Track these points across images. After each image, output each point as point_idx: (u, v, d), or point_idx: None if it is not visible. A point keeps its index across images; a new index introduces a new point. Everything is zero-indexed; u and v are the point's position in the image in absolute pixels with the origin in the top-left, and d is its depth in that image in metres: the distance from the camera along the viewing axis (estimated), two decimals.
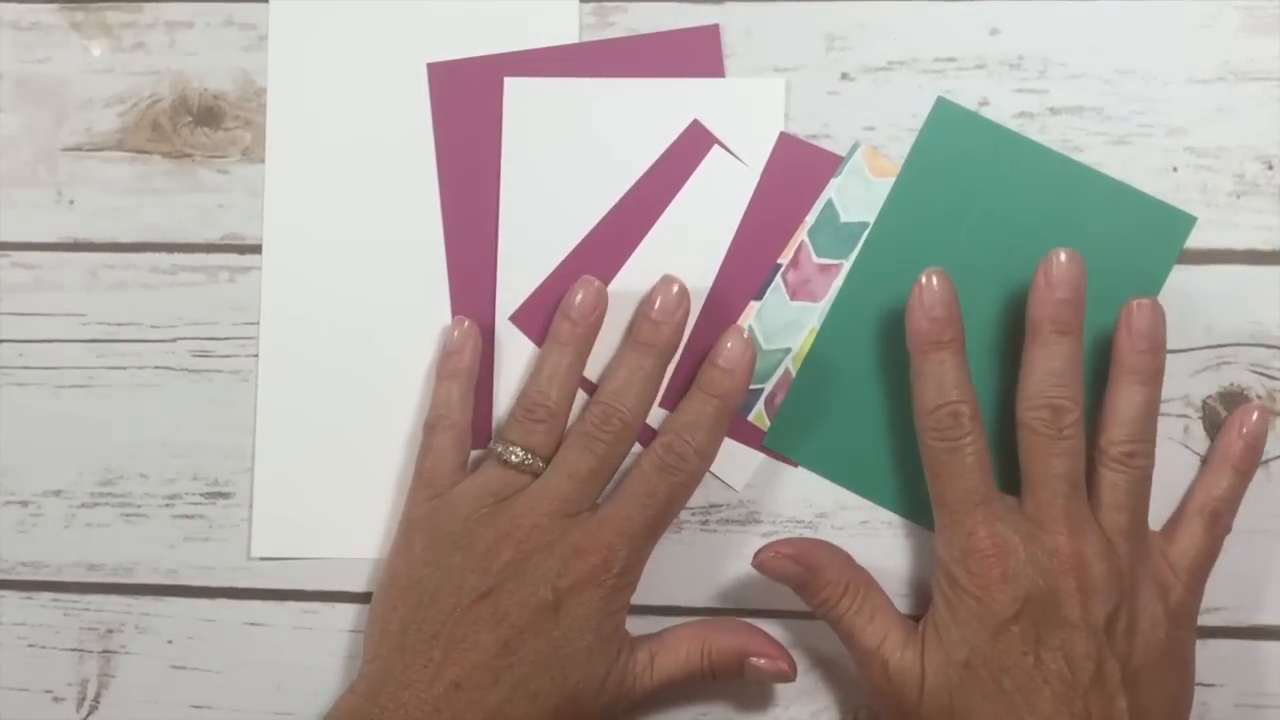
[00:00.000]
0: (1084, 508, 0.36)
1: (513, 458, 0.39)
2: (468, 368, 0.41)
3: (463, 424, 0.41)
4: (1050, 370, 0.36)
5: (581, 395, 0.42)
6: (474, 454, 0.42)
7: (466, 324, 0.42)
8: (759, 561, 0.38)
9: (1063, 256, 0.37)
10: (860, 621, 0.38)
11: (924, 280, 0.37)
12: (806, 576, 0.38)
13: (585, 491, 0.39)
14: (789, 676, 0.39)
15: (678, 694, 0.42)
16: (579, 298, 0.40)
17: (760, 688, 0.42)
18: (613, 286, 0.43)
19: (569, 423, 0.41)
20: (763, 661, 0.39)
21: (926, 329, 0.37)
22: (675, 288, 0.40)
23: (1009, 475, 0.38)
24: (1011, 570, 0.35)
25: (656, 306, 0.40)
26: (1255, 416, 0.39)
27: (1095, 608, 0.35)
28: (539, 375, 0.40)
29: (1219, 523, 0.39)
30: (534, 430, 0.40)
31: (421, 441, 0.41)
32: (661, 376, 0.40)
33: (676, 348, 0.40)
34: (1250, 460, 0.39)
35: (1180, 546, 0.38)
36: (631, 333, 0.40)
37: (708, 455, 0.39)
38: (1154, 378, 0.37)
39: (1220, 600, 0.41)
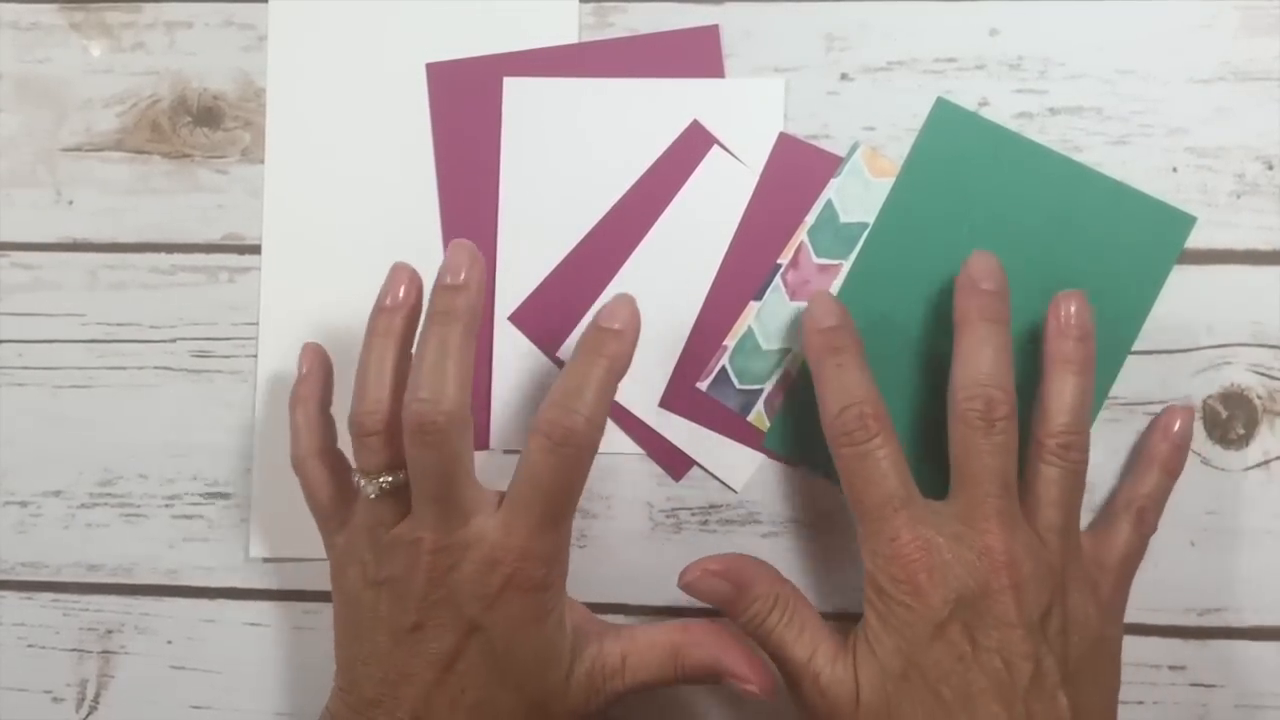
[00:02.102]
0: (1014, 504, 0.35)
1: (373, 490, 0.36)
2: (301, 392, 0.40)
3: (325, 446, 0.39)
4: (983, 359, 0.36)
5: None
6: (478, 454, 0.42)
7: (306, 347, 0.41)
8: (686, 582, 0.36)
9: (980, 256, 0.37)
10: (790, 635, 0.36)
11: (809, 305, 0.38)
12: (734, 594, 0.36)
13: (456, 500, 0.35)
14: (760, 698, 0.36)
15: (679, 693, 0.42)
16: (388, 286, 0.37)
17: None
18: (611, 287, 0.43)
19: None
20: (737, 685, 0.37)
21: (820, 340, 0.37)
22: (465, 250, 0.36)
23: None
24: (939, 572, 0.34)
25: (448, 270, 0.36)
26: (1179, 423, 0.40)
27: (1029, 605, 0.34)
28: (357, 378, 0.37)
29: (1145, 521, 0.38)
30: (374, 447, 0.36)
31: (299, 481, 0.39)
32: (472, 348, 0.36)
33: (479, 313, 0.36)
34: (1177, 461, 0.39)
35: (1108, 544, 0.38)
36: (432, 302, 0.36)
37: (597, 422, 0.35)
38: (1088, 367, 0.36)
39: (1220, 600, 0.41)
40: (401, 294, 0.37)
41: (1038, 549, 0.35)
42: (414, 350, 0.36)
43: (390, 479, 0.36)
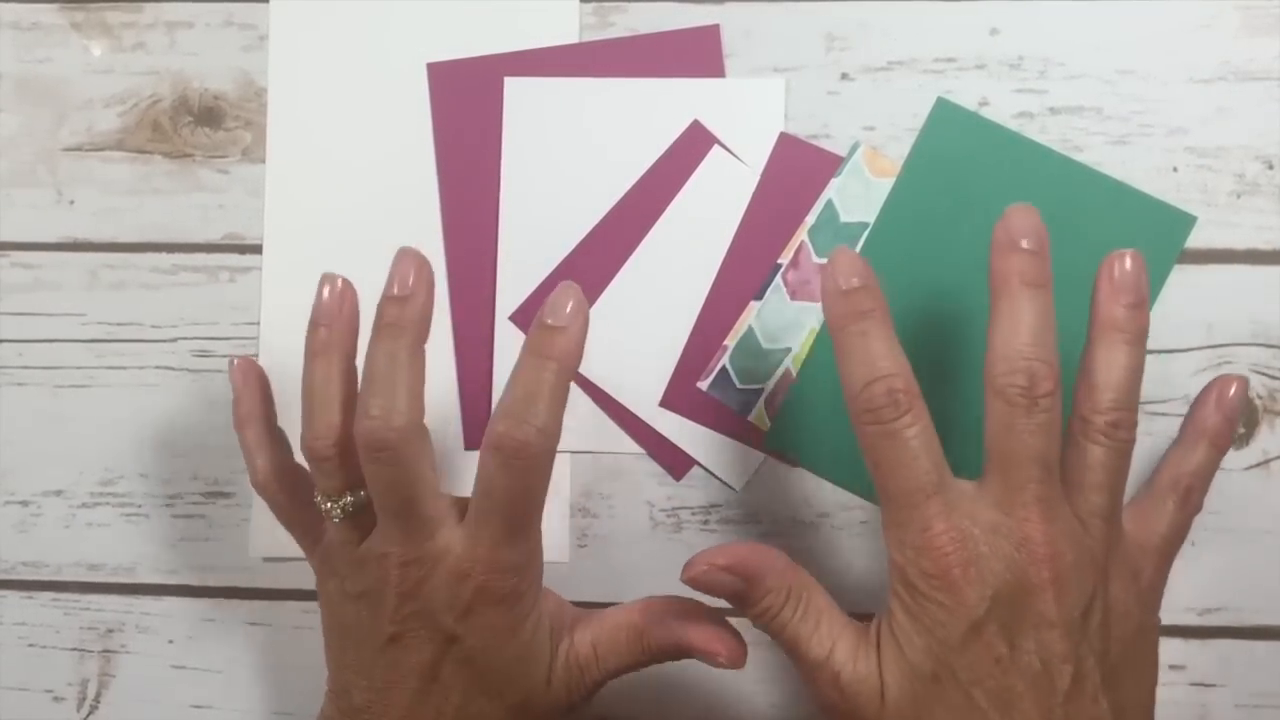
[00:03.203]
0: (1056, 489, 0.32)
1: (337, 514, 0.35)
2: (244, 413, 0.38)
3: (281, 466, 0.38)
4: (1025, 327, 0.32)
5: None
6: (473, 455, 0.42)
7: (235, 362, 0.39)
8: (689, 576, 0.34)
9: (1019, 209, 0.33)
10: (805, 630, 0.34)
11: (831, 260, 0.33)
12: (743, 587, 0.33)
13: (419, 515, 0.34)
14: (728, 665, 0.35)
15: (679, 695, 0.42)
16: (319, 302, 0.36)
17: (764, 683, 0.42)
18: (612, 287, 0.43)
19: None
20: (705, 659, 0.36)
21: (842, 304, 0.32)
22: (411, 258, 0.35)
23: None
24: (975, 567, 0.31)
25: (395, 281, 0.34)
26: (1234, 389, 0.36)
27: (1070, 602, 0.31)
28: (304, 402, 0.36)
29: (1191, 500, 0.35)
30: (330, 471, 0.35)
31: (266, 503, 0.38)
32: (422, 360, 0.34)
33: (428, 322, 0.35)
34: (1227, 434, 0.36)
35: (1150, 525, 0.35)
36: (379, 315, 0.35)
37: (551, 431, 0.33)
38: (1140, 337, 0.33)
39: (1220, 600, 0.41)
40: (337, 309, 0.36)
41: (1080, 538, 0.32)
42: (363, 364, 0.34)
43: (351, 499, 0.35)
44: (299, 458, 0.38)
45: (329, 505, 0.35)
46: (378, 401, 0.33)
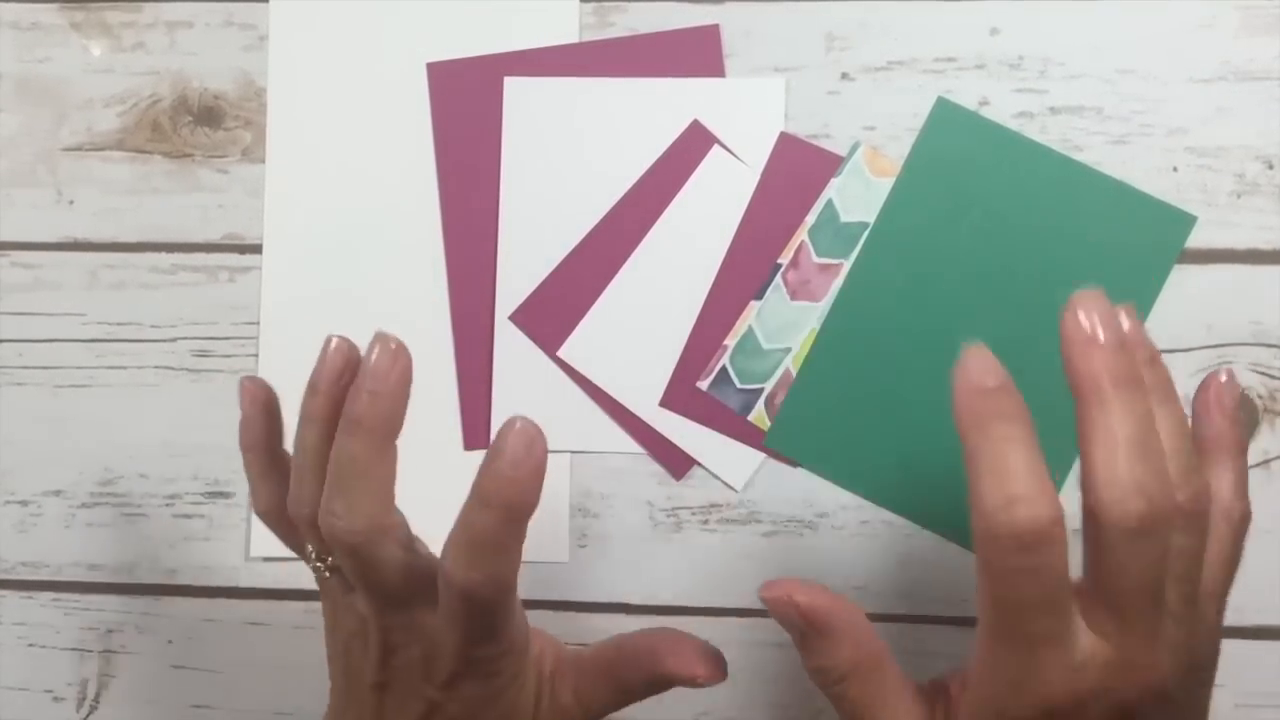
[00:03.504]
0: (1163, 609, 0.29)
1: (324, 569, 0.34)
2: (251, 439, 0.36)
3: (279, 500, 0.36)
4: (1124, 441, 0.27)
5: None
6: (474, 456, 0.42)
7: (246, 383, 0.36)
8: (765, 595, 0.32)
9: (1089, 292, 0.28)
10: (866, 708, 0.31)
11: (965, 355, 0.28)
12: (807, 635, 0.31)
13: (388, 594, 0.32)
14: (709, 683, 0.34)
15: (679, 695, 0.42)
16: (321, 367, 0.33)
17: (765, 683, 0.42)
18: (612, 287, 0.43)
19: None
20: (685, 683, 0.35)
21: (980, 405, 0.28)
22: (388, 351, 0.32)
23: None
24: (1081, 709, 0.28)
25: (369, 374, 0.31)
26: (1224, 382, 0.33)
27: (1158, 715, 0.29)
28: (294, 463, 0.34)
29: (1244, 525, 0.33)
30: (316, 537, 0.33)
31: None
32: (392, 455, 0.32)
33: (396, 429, 0.32)
34: (1241, 436, 0.34)
35: (1212, 566, 0.32)
36: (347, 409, 0.32)
37: (506, 580, 0.31)
38: (1244, 447, 0.33)
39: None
40: (334, 377, 0.33)
41: (1177, 646, 0.29)
42: (331, 453, 0.32)
43: (335, 560, 0.34)
44: None
45: (315, 564, 0.34)
46: (340, 502, 0.31)
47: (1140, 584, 0.28)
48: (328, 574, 0.34)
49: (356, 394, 0.31)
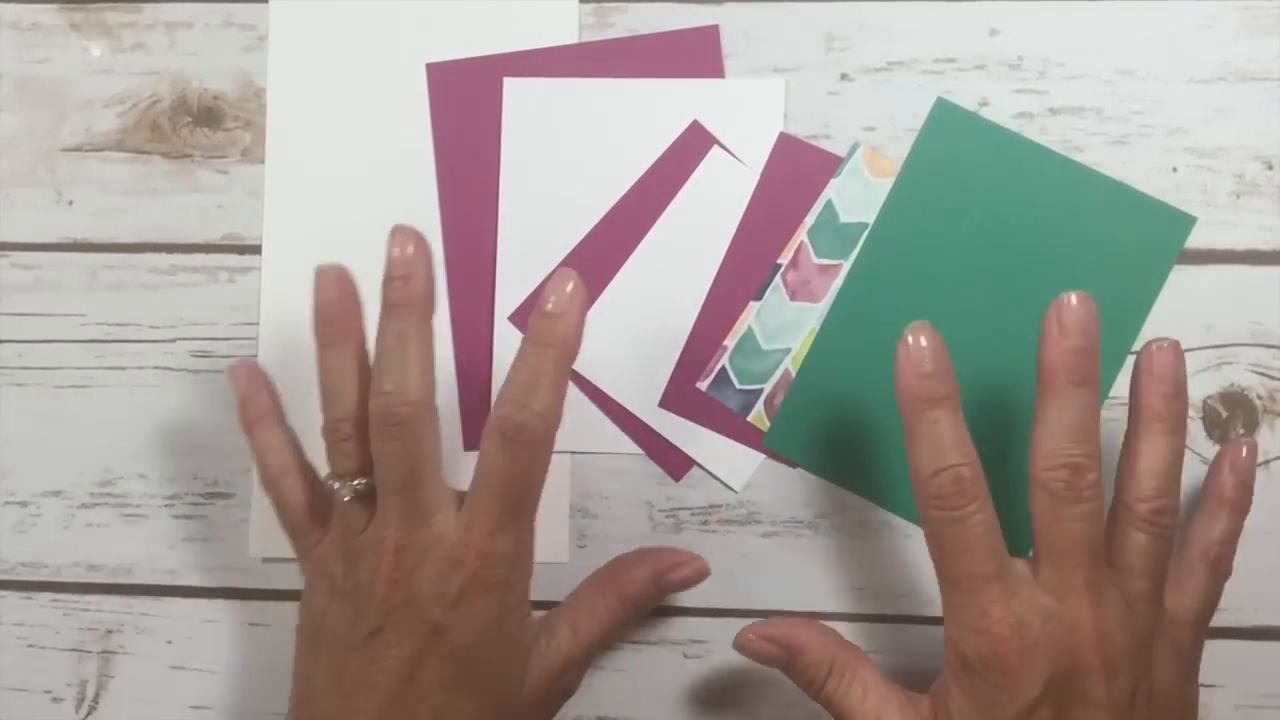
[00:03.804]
0: (1104, 573, 0.33)
1: (347, 494, 0.36)
2: (257, 412, 0.39)
3: (295, 463, 0.39)
4: (1067, 425, 0.33)
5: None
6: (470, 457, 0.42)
7: (240, 368, 0.39)
8: (738, 644, 0.36)
9: (1074, 299, 0.33)
10: (852, 701, 0.35)
11: (909, 338, 0.34)
12: (787, 658, 0.36)
13: (422, 495, 0.35)
14: (705, 572, 0.39)
15: (680, 694, 0.42)
16: (320, 291, 0.37)
17: (764, 683, 0.42)
18: (612, 288, 0.43)
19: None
20: (680, 573, 0.39)
21: (917, 388, 0.33)
22: (409, 235, 0.35)
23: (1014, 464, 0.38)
24: (1030, 654, 0.32)
25: (395, 262, 0.35)
26: (1245, 453, 0.37)
27: (1119, 685, 0.33)
28: (324, 387, 0.37)
29: (1221, 567, 0.37)
30: (349, 451, 0.36)
31: (271, 501, 0.39)
32: (430, 335, 0.36)
33: (433, 297, 0.36)
34: (1246, 499, 0.37)
35: (1185, 597, 0.36)
36: (385, 296, 0.36)
37: (551, 415, 0.35)
38: (1180, 425, 0.34)
39: (1221, 600, 0.41)
40: (339, 299, 0.36)
41: (1128, 620, 0.33)
42: (375, 345, 0.36)
43: (364, 481, 0.36)
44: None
45: (340, 485, 0.36)
46: (391, 378, 0.34)
47: (1069, 539, 0.33)
48: (351, 495, 0.36)
49: (390, 283, 0.35)
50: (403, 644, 0.35)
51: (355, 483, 0.36)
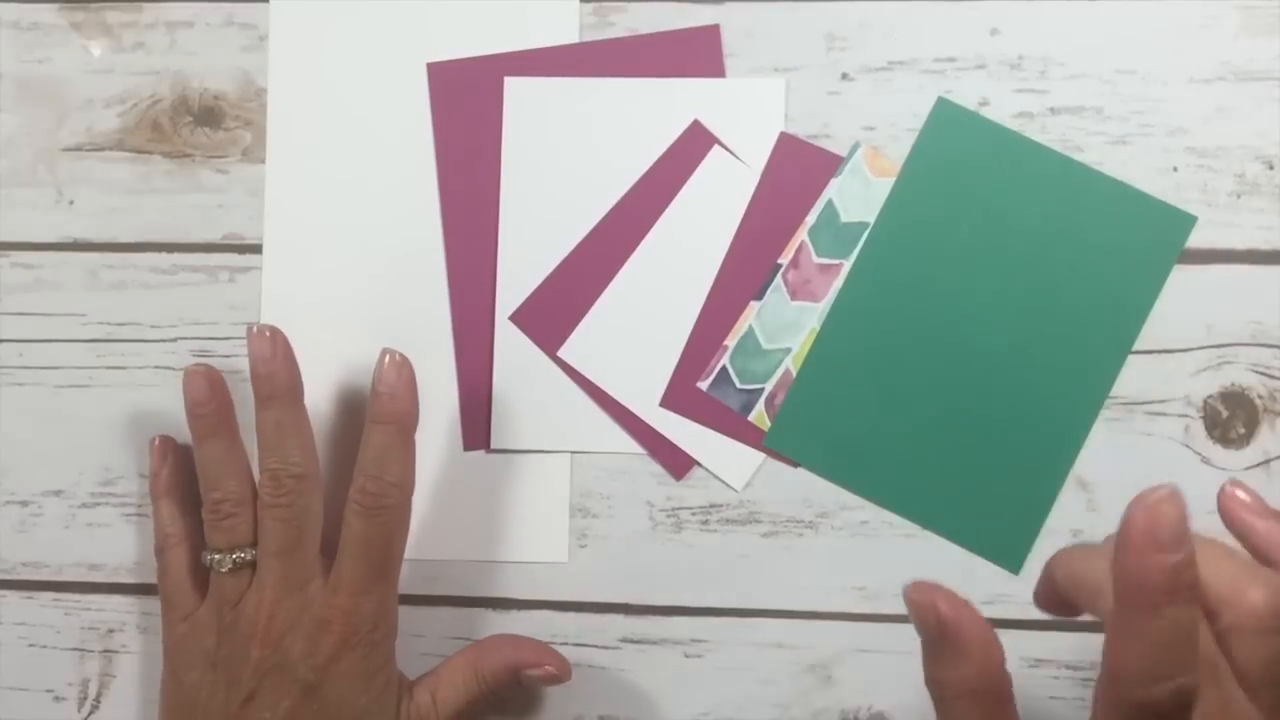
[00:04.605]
0: None
1: (225, 566, 0.39)
2: (166, 485, 0.42)
3: (188, 536, 0.41)
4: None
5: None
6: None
7: (157, 441, 0.43)
8: (912, 597, 0.29)
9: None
10: None
11: (1153, 501, 0.25)
12: (935, 641, 0.29)
13: (299, 560, 0.39)
14: (560, 679, 0.40)
15: (680, 694, 0.42)
16: (190, 390, 0.40)
17: (764, 683, 0.42)
18: (612, 287, 0.43)
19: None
20: (534, 671, 0.40)
21: (1159, 577, 0.25)
22: (267, 337, 0.39)
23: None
24: None
25: (258, 363, 0.39)
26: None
27: None
28: (205, 474, 0.40)
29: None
30: (230, 528, 0.39)
31: (157, 567, 0.41)
32: (304, 415, 0.40)
33: (298, 392, 0.40)
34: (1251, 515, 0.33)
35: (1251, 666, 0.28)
36: (255, 391, 0.39)
37: (405, 484, 0.39)
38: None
39: None
40: (209, 395, 0.40)
41: None
42: (256, 433, 0.39)
43: (242, 554, 0.39)
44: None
45: (220, 557, 0.39)
46: (275, 456, 0.39)
47: None
48: (231, 566, 0.39)
49: (256, 380, 0.39)
50: (278, 705, 0.37)
51: (235, 555, 0.39)
